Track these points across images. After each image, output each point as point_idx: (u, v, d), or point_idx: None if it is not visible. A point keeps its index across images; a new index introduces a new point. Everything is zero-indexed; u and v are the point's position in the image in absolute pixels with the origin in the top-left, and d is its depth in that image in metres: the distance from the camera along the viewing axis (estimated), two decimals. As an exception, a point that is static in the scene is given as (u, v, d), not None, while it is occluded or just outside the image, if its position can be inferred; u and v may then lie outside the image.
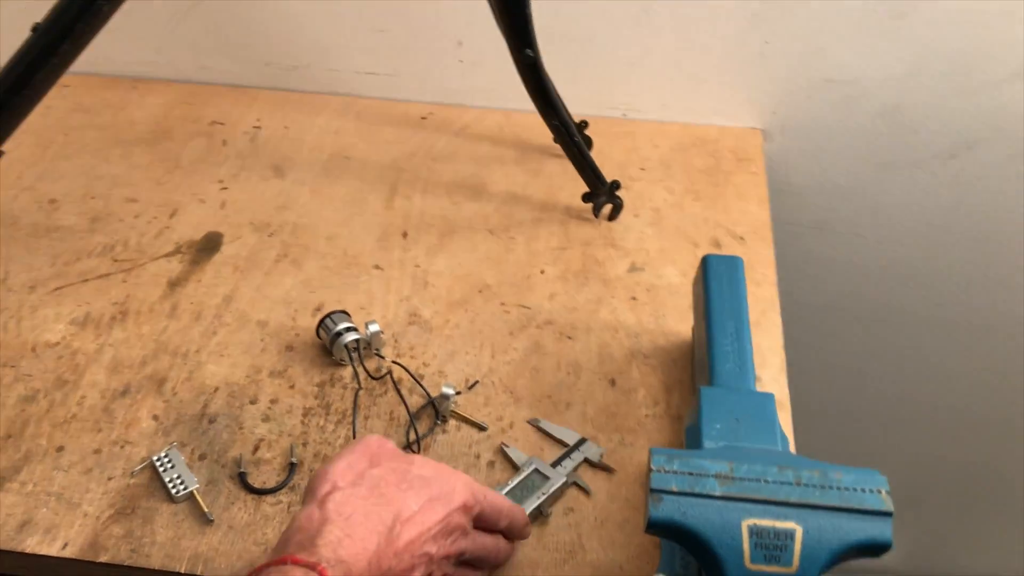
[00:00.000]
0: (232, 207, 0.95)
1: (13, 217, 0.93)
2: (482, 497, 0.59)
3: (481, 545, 0.59)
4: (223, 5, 1.06)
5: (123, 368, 0.78)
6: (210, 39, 1.09)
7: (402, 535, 0.53)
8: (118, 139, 1.03)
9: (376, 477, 0.56)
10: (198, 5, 1.06)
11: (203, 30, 1.08)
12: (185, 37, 1.09)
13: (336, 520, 0.52)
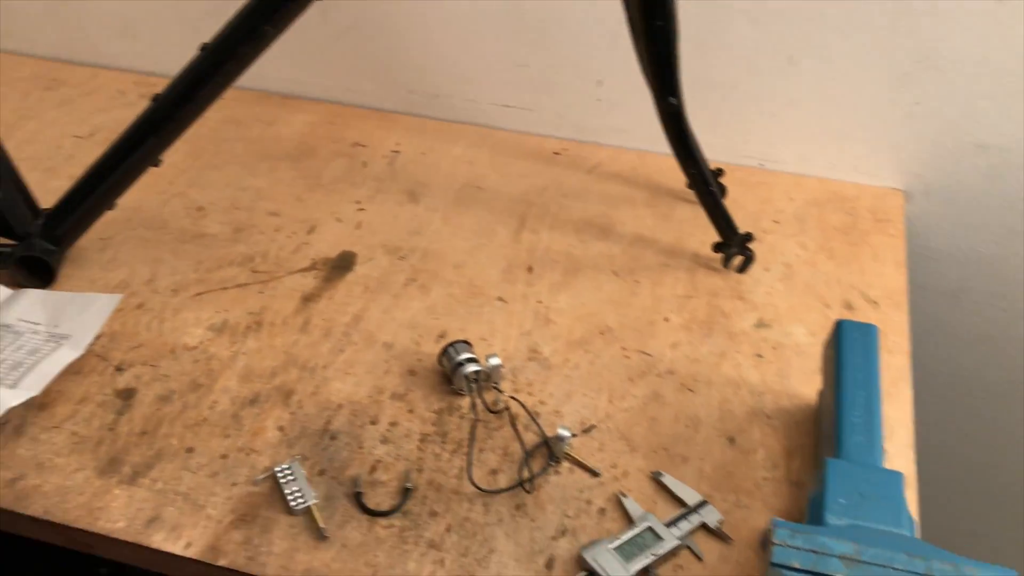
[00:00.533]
0: (367, 228, 0.97)
1: (163, 221, 0.98)
2: None
3: None
4: (373, 32, 1.09)
5: (254, 377, 0.81)
6: (358, 63, 1.13)
7: None
8: (265, 153, 1.08)
9: None
10: (350, 30, 1.10)
11: (352, 54, 1.12)
12: (335, 59, 1.13)
13: None
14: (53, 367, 0.78)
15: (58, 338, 0.81)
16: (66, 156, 1.07)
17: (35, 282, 0.89)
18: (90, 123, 1.12)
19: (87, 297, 0.86)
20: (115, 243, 0.95)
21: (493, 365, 0.78)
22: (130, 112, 1.15)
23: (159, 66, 1.21)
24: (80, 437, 0.75)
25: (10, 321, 0.84)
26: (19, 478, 0.72)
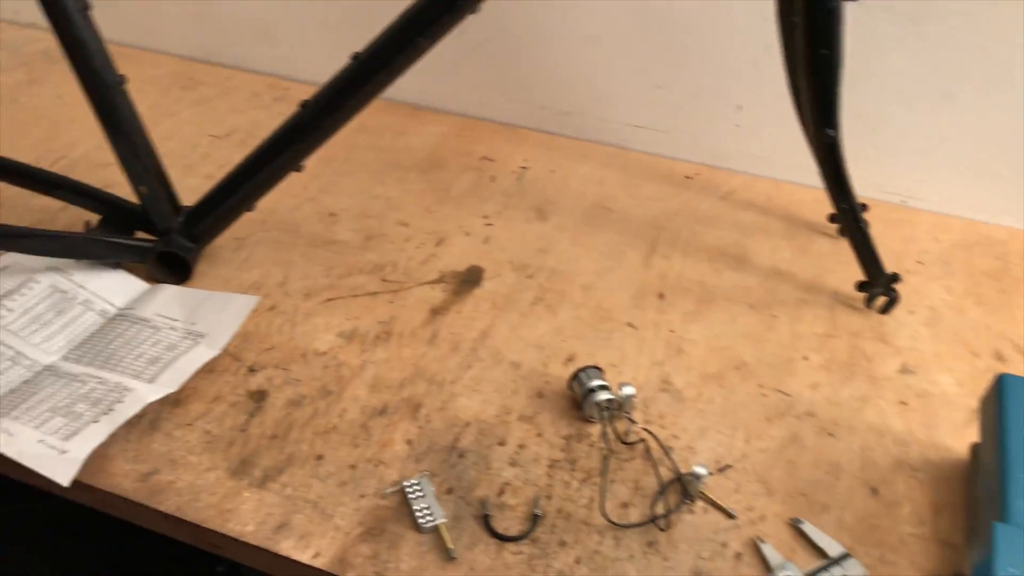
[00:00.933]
0: (495, 244, 0.97)
1: (295, 225, 0.99)
2: None
3: None
4: (508, 46, 1.09)
5: (382, 387, 0.80)
6: (491, 76, 1.12)
7: None
8: (395, 163, 1.08)
9: None
10: (485, 43, 1.09)
11: (485, 67, 1.12)
12: (468, 72, 1.13)
13: None
14: (190, 365, 0.79)
15: (195, 336, 0.82)
16: (202, 155, 1.09)
17: (172, 278, 0.90)
18: (226, 123, 1.15)
19: (225, 297, 0.87)
20: (249, 244, 0.96)
21: (627, 395, 0.76)
22: (265, 114, 1.17)
23: (294, 70, 1.22)
24: (212, 436, 0.76)
25: (148, 315, 0.85)
26: (153, 472, 0.73)
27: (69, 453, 0.71)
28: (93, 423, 0.73)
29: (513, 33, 1.08)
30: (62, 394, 0.77)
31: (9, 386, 0.79)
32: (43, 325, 0.85)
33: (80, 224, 0.97)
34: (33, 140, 1.11)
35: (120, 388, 0.77)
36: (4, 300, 0.86)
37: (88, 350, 0.82)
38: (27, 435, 0.72)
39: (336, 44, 1.19)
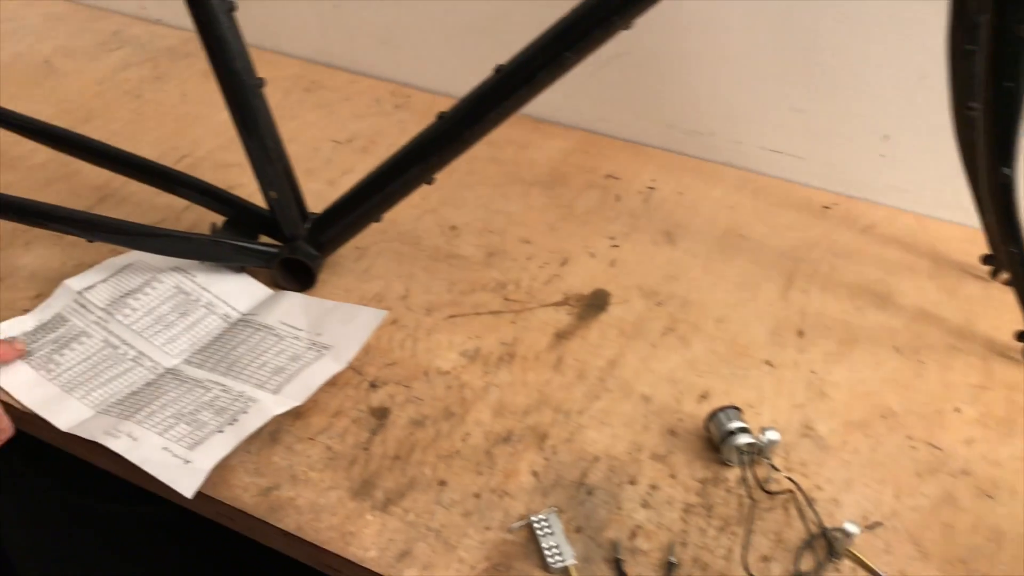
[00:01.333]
0: (622, 267, 0.93)
1: (417, 237, 0.96)
2: None
3: None
4: (639, 62, 1.05)
5: (507, 413, 0.77)
6: (618, 92, 1.09)
7: None
8: (518, 177, 1.05)
9: None
10: (616, 59, 1.06)
11: (614, 82, 1.08)
12: (595, 86, 1.09)
13: None
14: (315, 378, 0.77)
15: (320, 347, 0.81)
16: (324, 160, 1.08)
17: (294, 285, 0.89)
18: (348, 129, 1.13)
19: (351, 308, 0.85)
20: (371, 254, 0.94)
21: (770, 440, 0.72)
22: (386, 122, 1.16)
23: (416, 78, 1.21)
24: (334, 453, 0.74)
25: (271, 323, 0.84)
26: (274, 488, 0.71)
27: (193, 463, 0.69)
28: (218, 433, 0.72)
29: (646, 48, 1.04)
30: (186, 400, 0.76)
31: (131, 387, 0.78)
32: (166, 326, 0.84)
33: (202, 224, 0.96)
34: (157, 136, 1.11)
35: (245, 397, 0.75)
36: (128, 299, 0.85)
37: (211, 355, 0.81)
38: (151, 441, 0.71)
39: (460, 53, 1.17)
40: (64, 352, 0.81)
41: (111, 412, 0.75)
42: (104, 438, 0.71)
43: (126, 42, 1.32)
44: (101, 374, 0.79)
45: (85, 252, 0.93)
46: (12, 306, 0.87)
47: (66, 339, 0.82)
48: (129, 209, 0.99)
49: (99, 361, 0.80)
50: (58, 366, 0.79)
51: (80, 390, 0.77)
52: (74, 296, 0.85)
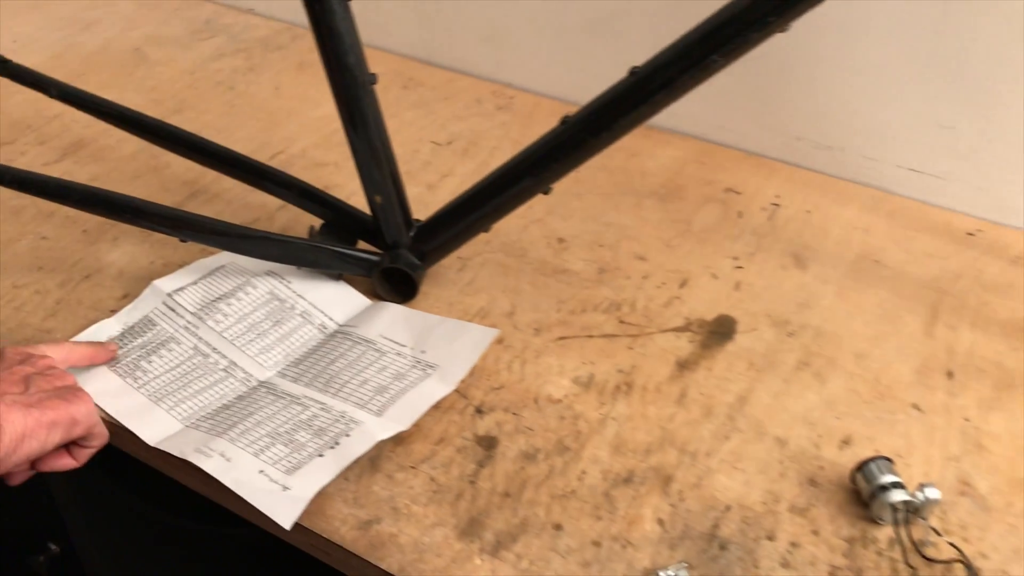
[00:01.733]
0: (747, 291, 0.85)
1: (522, 248, 0.90)
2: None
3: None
4: (767, 69, 0.97)
5: (626, 450, 0.70)
6: (741, 99, 1.01)
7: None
8: (629, 187, 0.98)
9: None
10: (740, 64, 0.97)
11: (736, 89, 1.00)
12: (714, 93, 1.00)
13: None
14: (422, 400, 0.71)
15: (425, 366, 0.74)
16: (423, 162, 1.02)
17: (394, 296, 0.83)
18: (447, 130, 1.07)
19: (457, 325, 0.78)
20: (473, 265, 0.88)
21: (930, 499, 0.63)
22: (488, 123, 1.09)
23: (520, 78, 1.14)
24: (438, 485, 0.67)
25: (372, 336, 0.78)
26: (374, 521, 0.65)
27: (292, 491, 0.63)
28: (318, 457, 0.66)
29: (774, 51, 0.95)
30: (282, 417, 0.70)
31: (222, 400, 0.73)
32: (259, 335, 0.79)
33: (297, 226, 0.91)
34: (250, 131, 1.06)
35: (346, 419, 0.69)
36: (220, 303, 0.80)
37: (307, 368, 0.76)
38: (245, 462, 0.66)
39: (568, 54, 1.10)
40: (152, 359, 0.76)
41: (201, 427, 0.70)
42: (195, 456, 0.66)
43: (218, 31, 1.28)
44: (190, 384, 0.74)
45: (174, 251, 0.88)
46: (99, 306, 0.82)
47: (154, 345, 0.77)
48: (220, 206, 0.94)
49: (189, 370, 0.75)
50: (145, 374, 0.74)
51: (168, 401, 0.72)
52: (163, 298, 0.80)
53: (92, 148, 1.03)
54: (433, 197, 0.96)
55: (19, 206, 0.93)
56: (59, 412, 0.62)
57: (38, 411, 0.61)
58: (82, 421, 0.64)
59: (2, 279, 0.85)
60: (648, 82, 0.69)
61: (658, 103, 0.70)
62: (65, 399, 0.63)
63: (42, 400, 0.62)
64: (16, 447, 0.59)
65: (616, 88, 0.71)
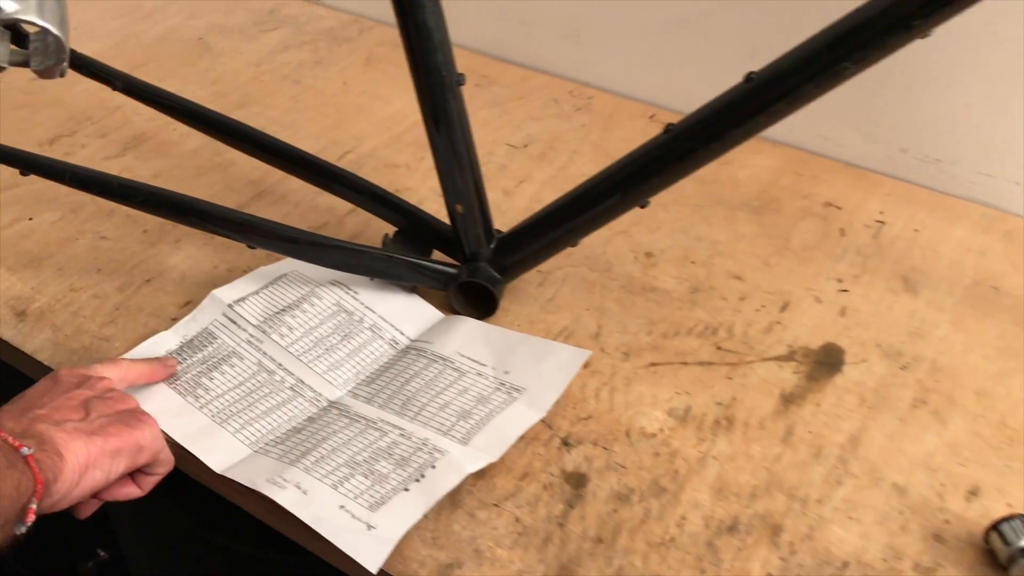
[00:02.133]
0: (854, 317, 0.78)
1: (607, 262, 0.84)
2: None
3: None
4: (875, 73, 0.89)
5: (729, 494, 0.64)
6: (840, 106, 0.94)
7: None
8: (721, 198, 0.91)
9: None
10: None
11: (835, 95, 0.92)
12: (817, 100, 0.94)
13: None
14: (510, 428, 0.65)
15: (510, 389, 0.69)
16: (498, 166, 0.96)
17: (471, 312, 0.77)
18: (523, 132, 1.01)
19: (543, 344, 0.73)
20: (555, 279, 0.82)
21: (1081, 566, 0.57)
22: (566, 125, 1.03)
23: (600, 78, 1.08)
24: (524, 526, 0.62)
25: (448, 354, 0.72)
26: (455, 565, 0.59)
27: (378, 530, 0.58)
28: (403, 491, 0.60)
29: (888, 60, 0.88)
30: (358, 444, 0.64)
31: (292, 422, 0.68)
32: (327, 350, 0.73)
33: (368, 232, 0.86)
34: (317, 128, 1.01)
35: (430, 447, 0.64)
36: (284, 315, 0.75)
37: (381, 388, 0.70)
38: (324, 496, 0.60)
39: (653, 53, 1.03)
40: (213, 375, 0.71)
41: (270, 452, 0.65)
42: (268, 488, 0.60)
43: (283, 22, 1.23)
44: (256, 404, 0.69)
45: (239, 255, 0.83)
46: (159, 313, 0.77)
47: (215, 360, 0.72)
48: (287, 209, 0.89)
49: (253, 388, 0.70)
50: (207, 392, 0.69)
51: (233, 422, 0.67)
52: (223, 309, 0.75)
53: (154, 142, 0.99)
54: (510, 204, 0.90)
55: (78, 202, 0.89)
56: (123, 439, 0.57)
57: (101, 439, 0.56)
58: (147, 447, 0.59)
59: (60, 280, 0.81)
60: (767, 89, 0.63)
61: (777, 113, 0.63)
62: (129, 424, 0.58)
63: (104, 426, 0.57)
64: (79, 479, 0.55)
65: (730, 95, 0.65)
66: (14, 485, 0.50)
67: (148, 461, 0.60)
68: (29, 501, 0.51)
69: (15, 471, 0.51)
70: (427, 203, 0.90)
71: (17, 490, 0.50)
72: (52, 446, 0.54)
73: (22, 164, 0.76)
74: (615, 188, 0.70)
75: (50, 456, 0.54)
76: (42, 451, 0.54)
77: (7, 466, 0.50)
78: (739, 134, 0.65)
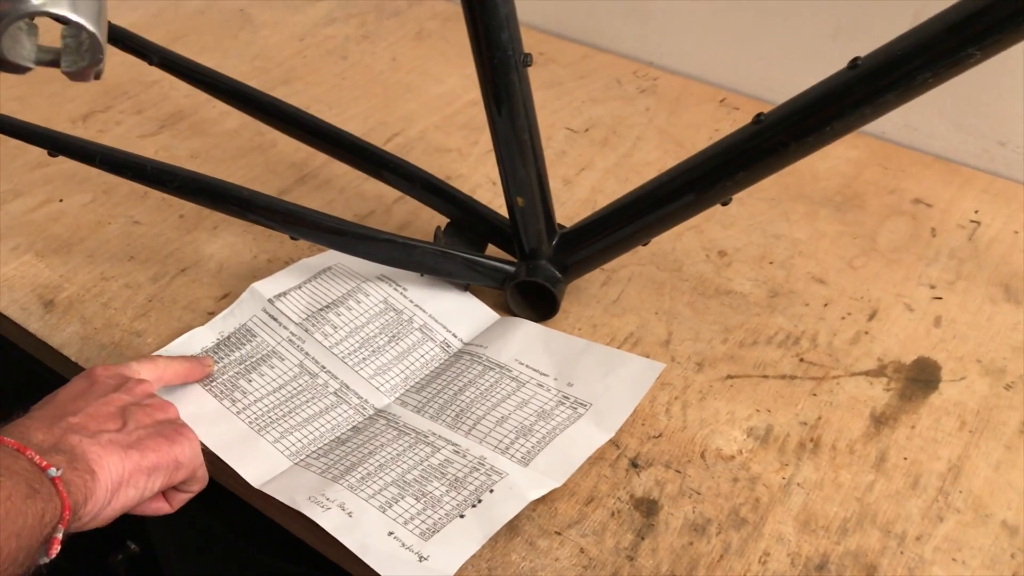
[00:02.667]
0: (950, 328, 0.71)
1: (677, 261, 0.77)
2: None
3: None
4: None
5: (817, 528, 0.58)
6: (932, 95, 0.85)
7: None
8: (800, 192, 0.84)
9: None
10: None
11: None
12: (903, 85, 0.87)
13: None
14: (576, 449, 0.59)
15: (575, 403, 0.63)
16: (557, 151, 0.90)
17: (529, 313, 0.71)
18: (584, 115, 0.94)
19: (610, 353, 0.66)
20: (620, 279, 0.75)
21: None
22: (629, 108, 0.96)
23: (664, 57, 1.01)
24: (590, 559, 0.56)
25: (505, 360, 0.66)
26: (513, 600, 0.54)
27: (430, 562, 0.52)
28: (458, 518, 0.55)
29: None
30: (408, 460, 0.59)
31: (336, 432, 0.62)
32: (373, 352, 0.68)
33: (418, 222, 0.80)
34: (364, 108, 0.95)
35: (486, 467, 0.58)
36: (328, 313, 0.69)
37: (432, 396, 0.64)
38: (371, 520, 0.55)
39: (724, 33, 0.96)
40: (251, 377, 0.65)
41: (312, 466, 0.59)
42: (309, 507, 0.55)
43: (328, -7, 1.17)
44: (297, 411, 0.63)
45: (280, 244, 0.78)
46: (195, 306, 0.72)
47: (254, 360, 0.66)
48: (332, 195, 0.84)
49: (294, 392, 0.65)
50: (245, 396, 0.64)
51: (273, 431, 0.62)
52: (263, 305, 0.70)
53: (193, 120, 0.93)
54: (570, 194, 0.84)
55: (111, 183, 0.84)
56: (161, 455, 0.52)
57: (138, 453, 0.51)
58: (186, 465, 0.54)
59: (91, 268, 0.76)
60: (876, 78, 0.55)
61: (885, 105, 0.56)
62: (168, 438, 0.53)
63: (142, 439, 0.52)
64: (111, 498, 0.50)
65: (831, 82, 0.57)
66: (37, 517, 0.45)
67: (185, 479, 0.55)
68: (55, 530, 0.46)
69: (38, 500, 0.45)
70: (480, 192, 0.84)
71: (41, 521, 0.45)
72: (84, 463, 0.49)
73: (50, 144, 0.71)
74: (694, 184, 0.63)
75: (81, 475, 0.48)
76: (72, 470, 0.48)
77: (28, 496, 0.45)
78: (840, 127, 0.58)
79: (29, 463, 0.47)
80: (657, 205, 0.65)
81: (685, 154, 0.69)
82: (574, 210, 0.82)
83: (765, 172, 0.61)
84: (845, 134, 0.58)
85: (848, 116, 0.57)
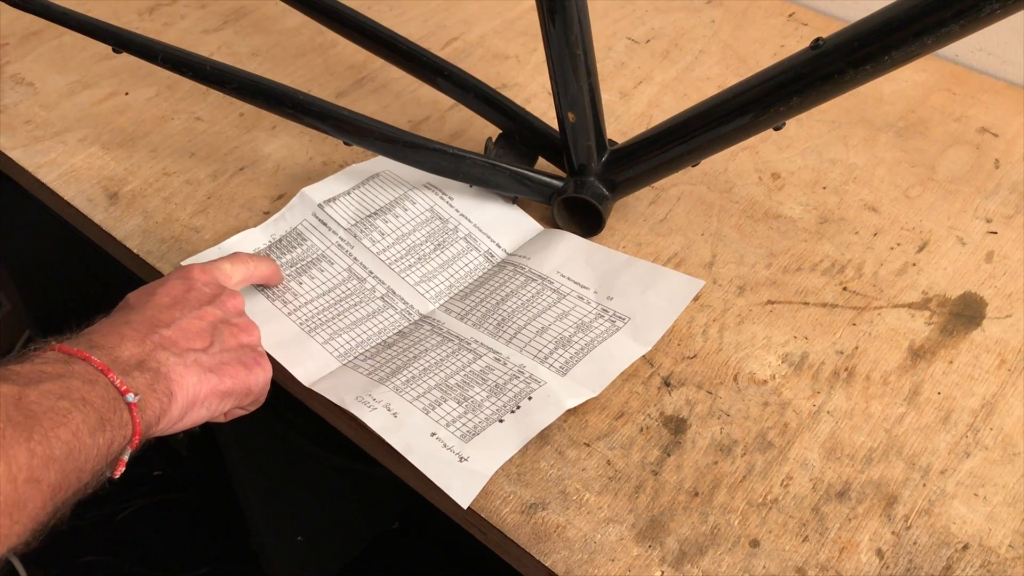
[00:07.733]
0: (1002, 264, 0.70)
1: (728, 182, 0.77)
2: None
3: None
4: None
5: (843, 455, 0.59)
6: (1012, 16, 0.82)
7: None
8: (861, 116, 0.82)
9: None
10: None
11: None
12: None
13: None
14: (613, 361, 0.61)
15: (613, 317, 0.64)
16: (616, 63, 0.88)
17: (575, 229, 0.72)
18: (646, 24, 0.93)
19: (651, 268, 0.67)
20: (668, 198, 0.75)
21: None
22: (694, 19, 0.94)
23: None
24: (616, 471, 0.58)
25: (547, 272, 0.68)
26: (539, 505, 0.56)
27: (470, 463, 0.55)
28: (497, 422, 0.57)
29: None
30: (451, 365, 0.61)
31: (382, 335, 0.65)
32: (419, 259, 0.70)
33: (470, 130, 0.81)
34: (424, 11, 0.95)
35: (526, 375, 0.60)
36: (376, 219, 0.71)
37: (475, 305, 0.66)
38: (415, 421, 0.57)
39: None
40: (302, 280, 0.68)
41: (360, 368, 0.62)
42: (356, 407, 0.58)
43: None
44: (345, 314, 0.66)
45: (335, 148, 0.79)
46: (251, 205, 0.75)
47: (304, 263, 0.69)
48: (388, 99, 0.84)
49: (343, 296, 0.67)
50: (296, 297, 0.66)
51: (322, 332, 0.65)
52: (313, 209, 0.72)
53: (255, 17, 0.94)
54: (626, 108, 0.83)
55: (174, 79, 0.86)
56: (238, 380, 0.54)
57: (216, 377, 0.53)
58: (255, 392, 0.56)
59: (154, 163, 0.78)
60: (940, 6, 0.54)
61: (948, 35, 0.54)
62: (246, 365, 0.55)
63: (223, 364, 0.53)
64: (183, 416, 0.51)
65: (893, 10, 0.56)
66: (104, 447, 0.46)
67: (250, 403, 0.57)
68: (122, 452, 0.48)
69: (107, 431, 0.46)
70: (535, 102, 0.84)
71: (108, 451, 0.46)
72: (165, 384, 0.50)
73: (114, 40, 0.72)
74: (748, 106, 0.62)
75: (159, 397, 0.49)
76: (152, 392, 0.49)
77: (97, 429, 0.45)
78: (899, 56, 0.56)
79: (107, 387, 0.47)
80: (709, 126, 0.64)
81: (747, 71, 0.68)
82: (629, 124, 0.82)
83: (820, 99, 0.60)
84: (905, 64, 0.57)
85: (910, 45, 0.55)
